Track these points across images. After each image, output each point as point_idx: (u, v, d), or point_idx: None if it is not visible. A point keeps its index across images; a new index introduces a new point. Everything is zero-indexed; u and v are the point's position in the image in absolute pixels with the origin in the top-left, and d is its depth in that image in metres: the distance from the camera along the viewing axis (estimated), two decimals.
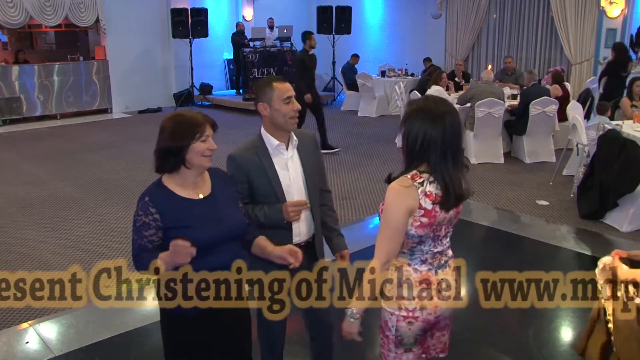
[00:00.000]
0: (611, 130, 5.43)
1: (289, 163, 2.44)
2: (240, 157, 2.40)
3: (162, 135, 2.06)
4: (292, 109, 2.36)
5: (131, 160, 8.02)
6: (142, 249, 2.02)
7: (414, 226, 1.94)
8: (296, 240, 2.47)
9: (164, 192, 2.07)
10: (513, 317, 3.57)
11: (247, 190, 2.39)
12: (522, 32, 11.22)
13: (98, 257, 4.72)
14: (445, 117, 1.92)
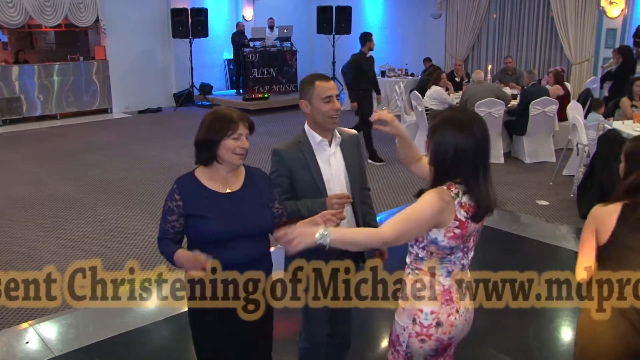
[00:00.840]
0: (611, 130, 5.43)
1: (332, 159, 2.46)
2: (283, 151, 2.45)
3: (200, 128, 2.14)
4: (331, 108, 2.36)
5: (131, 160, 8.02)
6: (165, 233, 2.13)
7: (447, 237, 1.87)
8: None
9: (192, 182, 2.15)
10: (513, 317, 3.57)
11: (289, 184, 2.42)
12: (522, 32, 11.22)
13: (98, 257, 4.71)
14: (475, 126, 1.85)
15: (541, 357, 3.33)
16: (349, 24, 13.03)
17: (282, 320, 2.72)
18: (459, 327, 1.97)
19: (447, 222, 1.85)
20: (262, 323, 2.27)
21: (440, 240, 1.88)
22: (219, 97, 12.84)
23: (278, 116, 11.49)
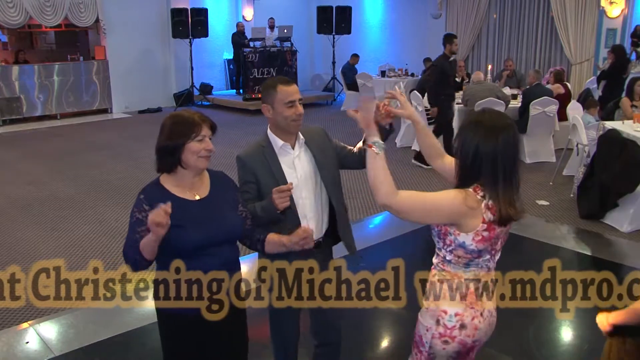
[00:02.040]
0: (611, 130, 5.43)
1: (296, 162, 2.42)
2: (247, 157, 2.41)
3: (160, 135, 2.06)
4: (294, 113, 2.33)
5: (131, 160, 8.02)
6: (134, 243, 2.00)
7: (475, 241, 1.85)
8: None
9: (159, 191, 2.07)
10: (513, 317, 3.57)
11: (256, 190, 2.38)
12: (522, 32, 11.22)
13: (98, 257, 4.72)
14: (500, 133, 1.82)
15: (541, 357, 3.33)
16: (349, 24, 13.02)
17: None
18: (483, 330, 1.96)
19: (475, 225, 1.84)
20: (234, 326, 2.22)
21: (469, 245, 1.87)
22: (219, 97, 12.85)
23: None
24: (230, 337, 2.22)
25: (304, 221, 2.41)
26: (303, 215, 2.42)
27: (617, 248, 4.96)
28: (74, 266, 4.52)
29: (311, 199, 2.44)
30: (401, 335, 3.55)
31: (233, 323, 2.21)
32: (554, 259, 2.16)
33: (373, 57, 13.53)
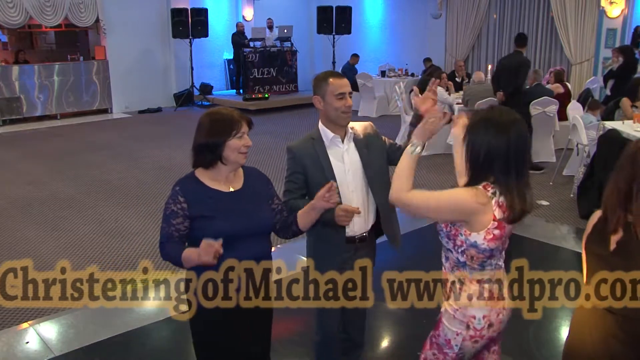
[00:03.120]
0: (611, 130, 5.43)
1: (345, 155, 2.46)
2: (296, 148, 2.47)
3: (199, 132, 2.10)
4: (344, 105, 2.39)
5: (131, 160, 8.02)
6: (169, 237, 2.07)
7: (487, 239, 1.87)
8: (349, 234, 2.48)
9: (194, 183, 2.12)
10: (513, 317, 3.57)
11: (303, 181, 2.44)
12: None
13: (98, 257, 4.72)
14: (511, 127, 1.84)
15: (541, 357, 3.33)
16: (349, 24, 13.03)
17: (282, 321, 2.72)
18: (505, 320, 2.04)
19: (486, 223, 1.85)
20: (261, 323, 2.27)
21: (481, 244, 1.88)
22: (219, 97, 12.85)
23: (278, 116, 11.49)
24: (256, 334, 2.26)
25: None
26: None
27: None
28: (74, 266, 4.52)
29: (358, 193, 2.47)
30: (401, 336, 3.55)
31: (259, 319, 2.24)
32: (522, 258, 2.18)
33: (373, 57, 13.53)
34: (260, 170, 2.35)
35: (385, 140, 2.60)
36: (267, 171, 7.49)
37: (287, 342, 3.38)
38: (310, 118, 11.15)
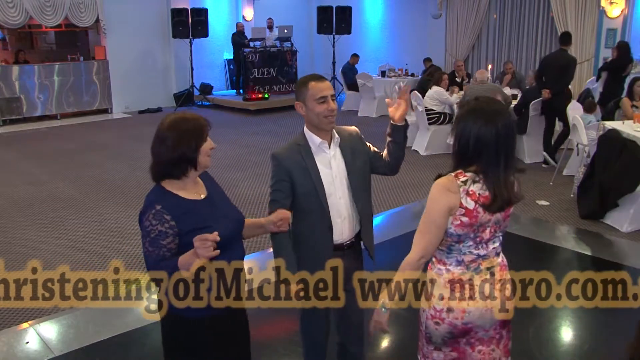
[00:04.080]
0: (611, 130, 5.43)
1: (332, 161, 2.41)
2: (282, 155, 2.39)
3: (164, 145, 1.99)
4: (326, 109, 2.31)
5: (131, 160, 8.02)
6: (161, 259, 1.96)
7: (454, 225, 1.92)
8: (337, 241, 2.44)
9: (172, 198, 2.03)
10: (513, 317, 3.57)
11: (289, 189, 2.37)
12: (522, 33, 11.22)
13: (98, 257, 4.72)
14: (499, 117, 1.89)
15: (541, 357, 3.33)
16: (349, 24, 13.03)
17: (282, 321, 2.72)
18: (475, 314, 1.99)
19: (454, 209, 1.90)
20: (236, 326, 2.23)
21: (448, 228, 1.93)
22: (219, 97, 12.85)
23: (278, 116, 11.50)
24: (234, 337, 2.22)
25: (338, 220, 2.42)
26: (338, 215, 2.41)
27: (617, 248, 4.95)
28: (74, 266, 4.52)
29: (346, 199, 2.43)
30: (401, 335, 3.55)
31: (236, 323, 2.21)
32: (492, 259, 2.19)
33: (373, 57, 13.53)
34: (210, 175, 2.29)
35: (369, 147, 2.55)
36: (267, 171, 7.47)
37: (287, 342, 3.38)
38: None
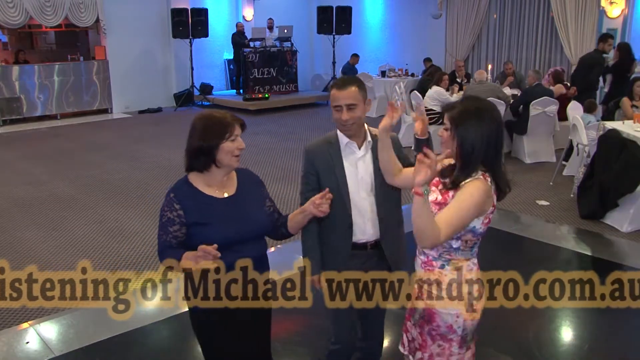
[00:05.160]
0: (611, 130, 5.43)
1: (360, 162, 2.43)
2: (311, 149, 2.47)
3: (193, 135, 2.09)
4: (340, 117, 2.34)
5: (131, 160, 8.02)
6: (167, 245, 2.05)
7: (484, 223, 1.94)
8: (361, 240, 2.45)
9: (189, 189, 2.11)
10: (513, 317, 3.57)
11: (316, 182, 2.43)
12: (522, 33, 11.22)
13: (98, 257, 4.72)
14: (495, 113, 1.94)
15: (541, 357, 3.33)
16: (349, 24, 13.03)
17: (282, 321, 2.72)
18: None
19: (487, 210, 1.92)
20: (262, 323, 2.27)
21: (478, 228, 1.95)
22: (219, 97, 12.85)
23: (278, 116, 11.49)
24: (255, 335, 2.25)
25: (360, 220, 2.43)
26: (360, 214, 2.43)
27: (617, 248, 4.95)
28: (74, 266, 4.52)
29: (370, 200, 2.44)
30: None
31: (258, 321, 2.24)
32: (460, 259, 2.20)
33: (373, 57, 13.53)
34: (253, 171, 2.34)
35: (405, 156, 2.52)
36: (267, 171, 7.51)
37: (287, 342, 3.38)
38: (310, 118, 11.17)
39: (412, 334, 2.16)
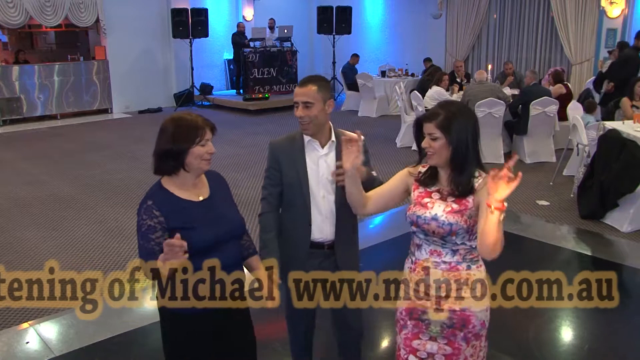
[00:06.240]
0: (611, 130, 5.43)
1: (321, 160, 2.45)
2: (275, 144, 2.50)
3: (162, 137, 2.05)
4: (298, 114, 2.37)
5: (131, 160, 8.02)
6: (150, 253, 1.98)
7: None
8: (318, 239, 2.47)
9: (165, 195, 2.07)
10: (513, 317, 3.57)
11: (278, 178, 2.46)
12: (522, 33, 11.22)
13: (98, 257, 4.72)
14: (470, 110, 2.02)
15: (541, 357, 3.33)
16: (349, 24, 13.02)
17: (282, 321, 2.72)
18: None
19: None
20: (238, 326, 2.24)
21: None
22: (219, 97, 12.85)
23: (278, 116, 11.49)
24: (236, 337, 2.23)
25: (319, 218, 2.44)
26: (319, 212, 2.45)
27: (617, 248, 4.96)
28: (73, 266, 4.52)
29: (330, 200, 2.45)
30: None
31: (237, 323, 2.22)
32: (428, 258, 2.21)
33: (373, 57, 13.53)
34: (220, 173, 2.31)
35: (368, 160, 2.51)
36: None
37: (287, 342, 3.37)
38: None
39: (429, 349, 2.05)
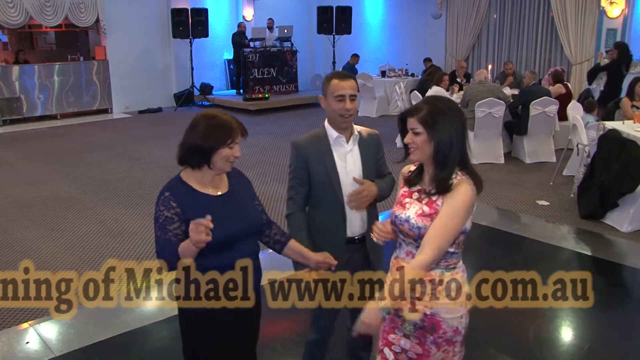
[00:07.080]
0: (611, 130, 5.43)
1: (348, 156, 2.48)
2: (300, 143, 2.50)
3: (193, 131, 2.06)
4: (342, 107, 2.38)
5: (131, 160, 8.02)
6: (167, 243, 1.97)
7: (471, 221, 1.95)
8: (349, 235, 2.49)
9: (183, 188, 2.08)
10: (513, 317, 3.57)
11: (306, 177, 2.47)
12: (522, 32, 11.22)
13: (98, 257, 4.72)
14: (458, 108, 1.96)
15: (541, 357, 3.33)
16: (349, 24, 13.03)
17: (282, 321, 2.73)
18: None
19: (474, 208, 1.94)
20: (248, 323, 2.26)
21: (468, 227, 1.95)
22: (219, 97, 12.85)
23: (278, 116, 11.49)
24: (246, 334, 2.25)
25: (350, 212, 2.46)
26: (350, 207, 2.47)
27: (617, 248, 4.95)
28: (73, 266, 4.52)
29: None
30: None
31: (248, 320, 2.23)
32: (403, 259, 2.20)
33: (373, 57, 13.53)
34: (242, 171, 2.33)
35: (381, 156, 2.59)
36: (267, 171, 7.51)
37: (288, 342, 3.38)
38: (310, 118, 11.16)
39: (402, 345, 2.05)
